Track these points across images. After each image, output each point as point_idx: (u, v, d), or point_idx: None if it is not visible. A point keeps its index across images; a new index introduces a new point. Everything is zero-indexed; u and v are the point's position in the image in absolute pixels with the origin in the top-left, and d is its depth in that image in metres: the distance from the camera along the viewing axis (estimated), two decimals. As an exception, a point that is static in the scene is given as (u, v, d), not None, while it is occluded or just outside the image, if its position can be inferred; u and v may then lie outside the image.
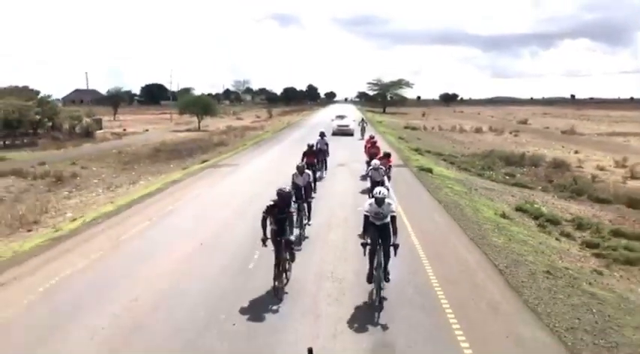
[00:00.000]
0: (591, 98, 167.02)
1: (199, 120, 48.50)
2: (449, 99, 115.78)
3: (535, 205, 13.84)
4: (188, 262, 8.58)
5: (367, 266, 7.02)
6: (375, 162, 12.00)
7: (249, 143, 32.44)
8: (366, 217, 7.05)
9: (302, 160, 12.21)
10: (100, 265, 8.53)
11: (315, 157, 13.76)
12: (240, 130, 43.77)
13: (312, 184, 10.97)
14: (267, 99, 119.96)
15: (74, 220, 12.93)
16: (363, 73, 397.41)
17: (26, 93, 38.36)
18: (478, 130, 46.86)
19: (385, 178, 11.55)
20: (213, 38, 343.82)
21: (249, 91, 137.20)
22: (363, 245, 6.98)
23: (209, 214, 12.11)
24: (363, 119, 36.33)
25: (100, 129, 44.42)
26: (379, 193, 6.99)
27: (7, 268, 8.46)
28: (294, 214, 7.70)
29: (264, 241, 7.06)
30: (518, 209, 13.48)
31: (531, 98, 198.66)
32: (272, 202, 7.06)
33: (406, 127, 47.73)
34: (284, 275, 7.21)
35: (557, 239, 11.43)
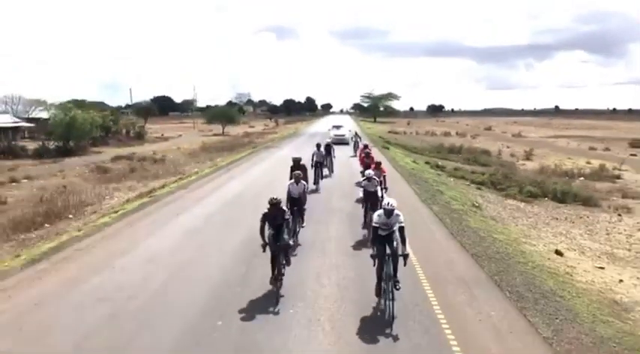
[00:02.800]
0: (576, 109, 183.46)
1: (223, 127, 63.30)
2: (435, 110, 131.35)
3: (437, 162, 28.63)
4: (266, 176, 23.22)
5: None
6: (369, 172, 12.13)
7: (276, 138, 47.48)
8: (374, 229, 7.48)
9: (290, 176, 12.00)
10: (222, 183, 23.23)
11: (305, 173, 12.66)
12: (259, 135, 58.48)
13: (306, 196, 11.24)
14: (269, 110, 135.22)
15: (196, 172, 27.44)
16: (360, 84, 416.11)
17: (100, 106, 53.12)
18: (446, 134, 61.79)
19: (378, 188, 11.56)
20: (214, 51, 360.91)
21: (250, 102, 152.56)
22: (373, 257, 7.45)
23: (273, 162, 26.81)
24: (356, 133, 35.41)
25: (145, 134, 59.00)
26: (388, 204, 7.34)
27: (188, 184, 23.12)
28: (290, 219, 8.28)
29: (263, 246, 7.76)
30: (426, 163, 28.24)
31: (522, 109, 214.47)
32: (266, 210, 7.80)
33: (389, 132, 62.68)
34: (281, 279, 7.91)
35: (439, 175, 26.15)
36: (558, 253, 11.62)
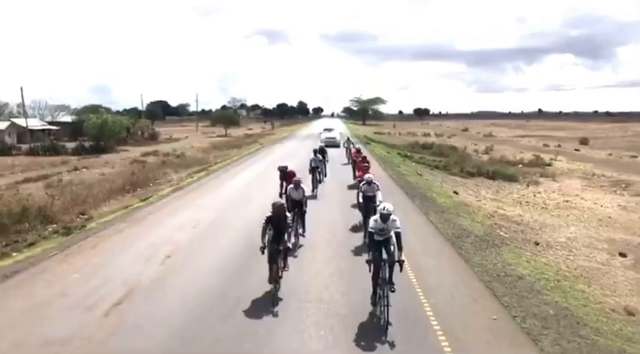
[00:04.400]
0: (560, 112, 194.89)
1: (226, 129, 72.32)
2: (421, 113, 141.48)
3: (406, 153, 38.00)
4: (277, 162, 32.41)
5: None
6: (369, 176, 12.32)
7: (276, 138, 56.64)
8: (370, 234, 7.59)
9: (281, 182, 13.27)
10: (246, 166, 32.39)
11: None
12: (258, 136, 67.49)
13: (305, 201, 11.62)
14: (263, 114, 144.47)
15: (218, 162, 36.42)
16: (350, 88, 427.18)
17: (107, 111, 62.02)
18: (426, 135, 71.31)
19: (378, 193, 11.61)
20: (205, 55, 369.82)
21: (243, 106, 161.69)
22: (368, 263, 7.53)
23: (280, 154, 35.93)
24: (348, 138, 34.13)
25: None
26: (384, 209, 7.45)
27: (218, 169, 32.24)
28: (291, 223, 8.73)
29: (262, 249, 7.99)
30: (398, 154, 37.60)
31: (509, 112, 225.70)
32: (270, 214, 8.14)
33: (375, 133, 72.12)
34: (279, 282, 8.19)
35: (404, 161, 35.48)
36: (455, 193, 20.86)
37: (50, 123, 65.73)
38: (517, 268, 10.21)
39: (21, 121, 57.96)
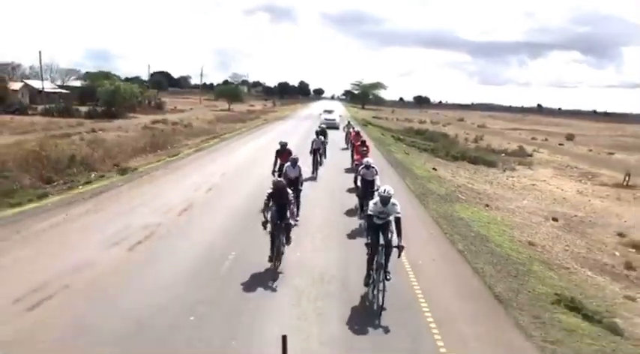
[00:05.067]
0: (559, 109, 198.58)
1: (229, 104, 75.81)
2: (421, 101, 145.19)
3: (399, 136, 41.98)
4: (281, 135, 36.28)
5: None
6: (368, 160, 12.64)
7: (278, 115, 60.36)
8: (369, 217, 7.63)
9: (275, 160, 13.42)
10: (256, 137, 36.30)
11: (288, 157, 12.46)
12: (261, 112, 71.06)
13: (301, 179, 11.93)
14: (264, 91, 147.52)
15: (226, 133, 40.25)
16: (352, 71, 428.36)
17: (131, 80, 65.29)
18: (422, 122, 75.17)
19: (376, 177, 11.86)
20: (207, 28, 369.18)
21: (245, 83, 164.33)
22: (367, 246, 7.64)
23: (284, 128, 39.81)
24: (349, 122, 34.09)
25: (162, 105, 71.25)
26: (384, 191, 7.46)
27: (230, 138, 36.12)
28: (293, 200, 8.94)
29: (264, 224, 8.25)
30: (392, 137, 41.56)
31: (510, 106, 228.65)
32: (270, 190, 8.46)
33: (373, 117, 75.90)
34: (280, 258, 8.60)
35: (397, 142, 39.47)
36: (434, 169, 24.92)
37: (60, 87, 68.92)
38: (461, 214, 14.30)
39: (33, 83, 61.25)
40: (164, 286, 7.68)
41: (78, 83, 68.46)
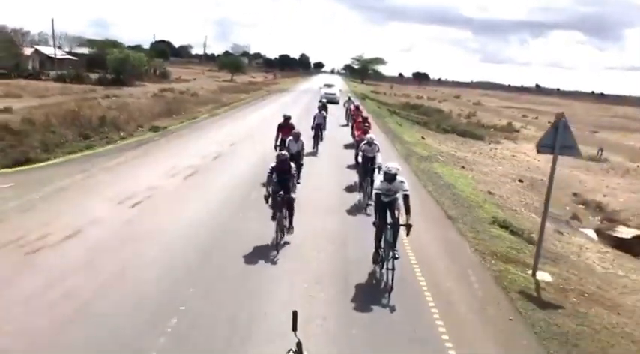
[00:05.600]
0: (557, 89, 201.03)
1: (232, 75, 78.28)
2: (420, 77, 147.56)
3: (395, 110, 45.09)
4: (286, 104, 39.34)
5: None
6: (371, 136, 12.59)
7: (281, 87, 63.23)
8: (377, 196, 7.60)
9: (277, 134, 13.57)
10: (263, 105, 39.39)
11: (290, 131, 12.73)
12: (262, 84, 73.65)
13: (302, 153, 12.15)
14: (265, 63, 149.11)
15: (240, 100, 43.23)
16: (353, 45, 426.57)
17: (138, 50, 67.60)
18: (419, 97, 78.01)
19: (378, 154, 11.89)
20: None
21: (245, 54, 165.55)
22: (375, 225, 7.69)
23: (288, 99, 42.86)
24: (349, 98, 32.58)
25: (167, 75, 73.68)
26: (389, 169, 7.49)
27: (239, 105, 39.21)
28: (295, 174, 9.05)
29: (266, 198, 8.48)
30: (388, 110, 44.66)
31: (509, 85, 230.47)
32: (274, 164, 8.64)
33: (372, 91, 78.66)
34: (284, 229, 8.85)
35: (392, 115, 42.62)
36: (423, 138, 28.19)
37: (68, 54, 71.14)
38: (437, 170, 17.65)
39: (42, 49, 63.59)
40: (215, 200, 11.03)
41: (85, 51, 70.63)
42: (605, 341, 6.77)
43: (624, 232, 17.71)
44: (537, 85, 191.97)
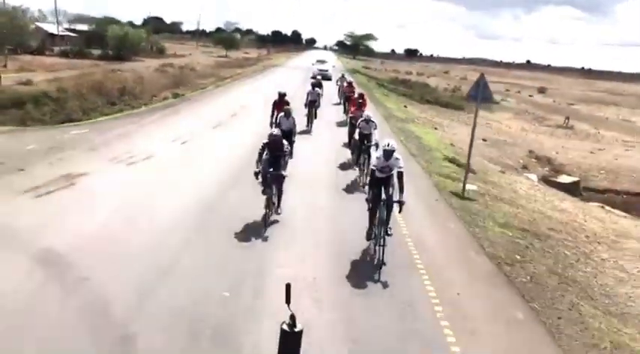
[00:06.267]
0: (548, 65, 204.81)
1: (226, 50, 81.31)
2: (411, 53, 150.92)
3: (383, 83, 48.94)
4: (281, 76, 43.11)
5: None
6: (367, 114, 12.97)
7: (275, 62, 66.73)
8: (372, 172, 7.84)
9: (272, 111, 13.78)
10: (260, 78, 43.17)
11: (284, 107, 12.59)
12: (256, 60, 76.84)
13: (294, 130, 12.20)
14: (257, 40, 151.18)
15: (238, 74, 46.88)
16: (346, 21, 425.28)
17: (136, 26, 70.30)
18: (408, 73, 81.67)
19: (375, 132, 12.24)
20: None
21: (237, 31, 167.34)
22: (368, 201, 7.87)
23: (284, 72, 46.58)
24: (343, 75, 31.29)
25: (162, 50, 76.60)
26: (388, 145, 7.66)
27: (239, 78, 42.93)
28: (288, 151, 9.07)
29: (256, 174, 8.47)
30: (376, 83, 48.49)
31: (500, 61, 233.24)
32: (267, 141, 8.64)
33: (363, 67, 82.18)
34: (273, 206, 8.86)
35: (379, 87, 46.51)
36: (405, 107, 32.17)
37: (67, 30, 73.77)
38: (411, 128, 21.76)
39: (43, 26, 66.29)
40: (239, 144, 15.04)
41: (84, 27, 73.30)
42: (495, 214, 11.00)
43: (564, 179, 22.09)
44: (528, 61, 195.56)
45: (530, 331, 6.29)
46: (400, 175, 7.65)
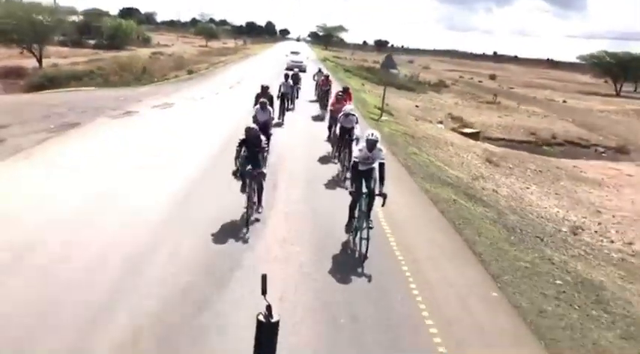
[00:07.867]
0: (515, 56, 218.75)
1: (207, 41, 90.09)
2: (381, 45, 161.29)
3: (349, 70, 58.91)
4: (263, 64, 52.68)
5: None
6: (349, 107, 13.11)
7: (254, 52, 76.00)
8: (354, 164, 7.95)
9: (255, 104, 13.34)
10: (245, 64, 52.64)
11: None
12: (236, 49, 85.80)
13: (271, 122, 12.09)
14: (233, 31, 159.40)
15: (225, 60, 56.10)
16: (319, 12, 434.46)
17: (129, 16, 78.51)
18: (375, 62, 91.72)
19: (357, 126, 12.36)
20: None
21: (212, 21, 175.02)
22: (351, 194, 7.96)
23: (264, 60, 56.06)
24: (319, 70, 31.53)
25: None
26: (372, 135, 7.83)
27: (229, 62, 52.29)
28: (266, 147, 9.09)
29: (235, 173, 8.50)
30: (343, 70, 58.45)
31: (470, 53, 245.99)
32: (244, 137, 8.53)
33: (334, 56, 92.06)
34: (254, 205, 8.77)
35: (350, 74, 56.46)
36: (363, 85, 42.14)
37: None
38: (362, 96, 31.70)
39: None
40: (247, 94, 24.57)
41: (74, 19, 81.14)
42: (392, 127, 21.00)
43: (468, 130, 32.33)
44: (495, 53, 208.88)
45: (397, 170, 15.76)
46: (382, 166, 7.81)
